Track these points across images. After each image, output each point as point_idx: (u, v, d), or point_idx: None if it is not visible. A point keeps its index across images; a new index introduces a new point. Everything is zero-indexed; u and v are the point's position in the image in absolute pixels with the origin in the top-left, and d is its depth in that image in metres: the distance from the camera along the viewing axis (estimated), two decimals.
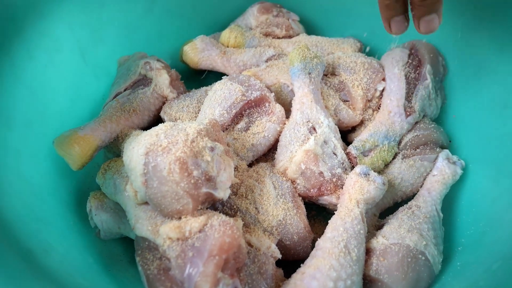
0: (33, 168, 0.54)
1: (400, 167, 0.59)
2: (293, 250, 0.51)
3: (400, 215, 0.53)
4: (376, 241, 0.50)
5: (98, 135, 0.55)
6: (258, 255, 0.48)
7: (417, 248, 0.48)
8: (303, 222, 0.52)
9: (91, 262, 0.51)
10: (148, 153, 0.44)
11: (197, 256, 0.42)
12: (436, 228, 0.53)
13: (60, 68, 0.62)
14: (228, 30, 0.72)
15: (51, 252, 0.47)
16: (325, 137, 0.56)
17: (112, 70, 0.68)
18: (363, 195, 0.51)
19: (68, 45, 0.63)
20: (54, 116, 0.60)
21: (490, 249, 0.49)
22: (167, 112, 0.62)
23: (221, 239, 0.42)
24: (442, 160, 0.59)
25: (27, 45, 0.58)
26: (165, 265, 0.44)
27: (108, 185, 0.53)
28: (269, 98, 0.59)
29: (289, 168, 0.54)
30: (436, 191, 0.57)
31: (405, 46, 0.67)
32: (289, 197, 0.53)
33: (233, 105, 0.57)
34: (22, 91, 0.57)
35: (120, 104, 0.60)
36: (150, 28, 0.72)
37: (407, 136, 0.61)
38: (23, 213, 0.49)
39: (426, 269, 0.48)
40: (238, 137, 0.57)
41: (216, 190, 0.46)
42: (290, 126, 0.57)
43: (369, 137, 0.59)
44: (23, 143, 0.54)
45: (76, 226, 0.55)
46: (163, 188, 0.44)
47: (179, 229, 0.43)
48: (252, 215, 0.51)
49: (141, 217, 0.47)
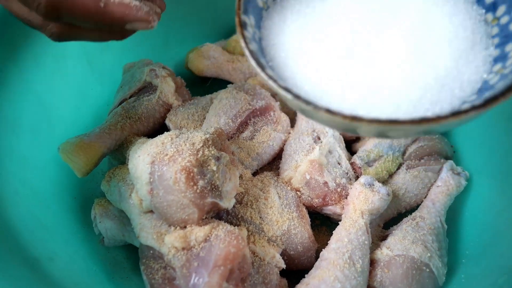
0: (38, 175, 0.54)
1: (404, 177, 0.59)
2: (297, 260, 0.51)
3: (404, 226, 0.53)
4: (381, 252, 0.50)
5: (103, 142, 0.56)
6: (262, 265, 0.48)
7: (421, 260, 0.48)
8: (308, 232, 0.52)
9: (95, 270, 0.51)
10: (154, 162, 0.44)
11: (202, 266, 0.42)
12: (440, 240, 0.52)
13: (66, 75, 0.62)
14: (234, 38, 0.72)
15: (55, 260, 0.47)
16: (330, 147, 0.56)
17: (118, 77, 0.68)
18: (368, 205, 0.51)
19: (75, 52, 0.63)
20: (60, 123, 0.60)
21: (496, 262, 0.49)
22: (172, 119, 0.62)
23: (226, 249, 0.42)
24: (446, 171, 0.59)
25: (34, 52, 0.58)
26: (169, 274, 0.44)
27: (113, 192, 0.53)
28: (274, 107, 0.59)
29: (294, 177, 0.54)
30: (441, 202, 0.57)
31: None
32: (294, 207, 0.53)
33: (238, 113, 0.57)
34: (28, 98, 0.57)
35: (125, 111, 0.61)
36: (155, 35, 0.73)
37: (412, 146, 0.61)
38: (29, 221, 0.49)
39: (431, 281, 0.48)
40: (243, 146, 0.57)
41: (222, 199, 0.46)
42: (295, 135, 0.57)
43: (373, 147, 0.60)
44: (29, 150, 0.54)
45: (80, 233, 0.55)
46: (168, 197, 0.44)
47: (184, 238, 0.43)
48: (257, 225, 0.51)
49: (146, 225, 0.48)
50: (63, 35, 0.40)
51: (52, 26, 0.39)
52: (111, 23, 0.38)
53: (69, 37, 0.40)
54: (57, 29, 0.39)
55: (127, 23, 0.39)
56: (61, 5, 0.36)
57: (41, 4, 0.36)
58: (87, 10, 0.37)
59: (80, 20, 0.38)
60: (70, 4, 0.36)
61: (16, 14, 0.39)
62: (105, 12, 0.37)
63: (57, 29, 0.39)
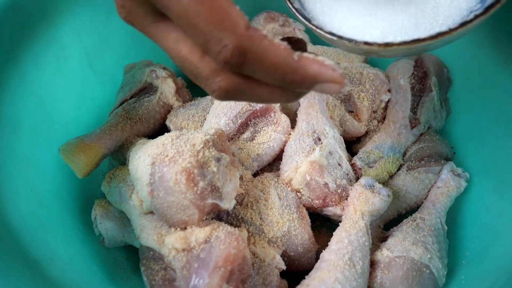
0: (39, 176, 0.54)
1: (404, 179, 0.59)
2: (298, 261, 0.51)
3: (404, 227, 0.53)
4: (381, 254, 0.50)
5: (104, 143, 0.56)
6: (262, 266, 0.48)
7: (421, 261, 0.48)
8: (308, 233, 0.52)
9: (96, 271, 0.51)
10: (155, 163, 0.44)
11: (203, 267, 0.42)
12: (440, 241, 0.53)
13: (67, 76, 0.62)
14: None
15: (56, 261, 0.47)
16: (330, 148, 0.56)
17: (118, 78, 0.68)
18: (368, 207, 0.51)
19: (76, 52, 0.63)
20: (61, 124, 0.60)
21: (496, 263, 0.49)
22: (173, 120, 0.62)
23: (226, 250, 0.42)
24: (446, 172, 0.59)
25: (35, 53, 0.58)
26: (170, 275, 0.44)
27: (113, 193, 0.53)
28: (275, 108, 0.59)
29: (294, 178, 0.54)
30: (441, 203, 0.57)
31: (410, 58, 0.67)
32: (294, 208, 0.53)
33: (238, 114, 0.57)
34: (29, 99, 0.57)
35: (126, 112, 0.61)
36: None
37: (412, 148, 0.61)
38: (30, 221, 0.49)
39: (431, 282, 0.48)
40: (243, 147, 0.57)
41: (222, 200, 0.46)
42: (296, 136, 0.57)
43: (374, 148, 0.60)
44: (30, 151, 0.55)
45: (81, 233, 0.55)
46: (169, 198, 0.44)
47: (184, 239, 0.43)
48: (257, 226, 0.51)
49: (146, 226, 0.48)
50: (233, 91, 0.33)
51: (222, 78, 0.32)
52: (301, 81, 0.32)
53: (238, 94, 0.33)
54: (228, 83, 0.32)
55: (318, 83, 0.32)
56: (251, 52, 0.30)
57: (227, 47, 0.29)
58: (279, 61, 0.30)
59: (265, 73, 0.31)
60: (262, 52, 0.30)
61: (182, 58, 0.33)
62: (299, 67, 0.31)
63: (228, 82, 0.32)
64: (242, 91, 0.33)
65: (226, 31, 0.29)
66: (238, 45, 0.29)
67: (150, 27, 0.34)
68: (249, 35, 0.30)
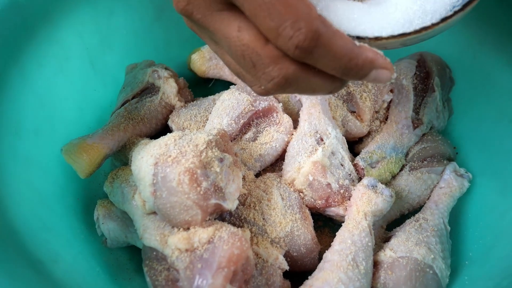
0: (41, 176, 0.54)
1: (407, 179, 0.59)
2: (300, 262, 0.51)
3: (407, 227, 0.53)
4: (384, 254, 0.50)
5: (106, 143, 0.56)
6: (265, 266, 0.47)
7: (425, 262, 0.48)
8: (311, 233, 0.52)
9: (98, 271, 0.51)
10: (157, 164, 0.44)
11: (206, 267, 0.42)
12: (443, 242, 0.52)
13: (69, 76, 0.62)
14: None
15: (59, 261, 0.47)
16: (332, 148, 0.56)
17: (120, 78, 0.68)
18: (371, 207, 0.51)
19: (78, 52, 0.63)
20: (63, 124, 0.60)
21: (499, 264, 0.49)
22: (175, 120, 0.62)
23: (230, 250, 0.42)
24: (449, 172, 0.59)
25: (36, 53, 0.58)
26: (173, 276, 0.44)
27: (115, 193, 0.53)
28: (277, 108, 0.59)
29: (297, 179, 0.54)
30: (444, 204, 0.57)
31: (412, 58, 0.67)
32: (297, 208, 0.53)
33: (241, 115, 0.57)
34: (31, 99, 0.57)
35: (128, 112, 0.61)
36: (158, 36, 0.73)
37: (415, 148, 0.61)
38: (32, 222, 0.49)
39: (434, 283, 0.48)
40: (246, 147, 0.57)
41: (225, 201, 0.46)
42: (298, 136, 0.57)
43: (376, 148, 0.60)
44: (32, 151, 0.54)
45: (83, 234, 0.55)
46: (172, 198, 0.44)
47: (187, 240, 0.43)
48: (260, 226, 0.51)
49: (149, 227, 0.47)
50: (292, 79, 0.33)
51: (283, 66, 0.33)
52: (362, 66, 0.33)
53: (294, 82, 0.34)
54: (288, 71, 0.33)
55: (374, 69, 0.34)
56: (323, 36, 0.31)
57: (301, 30, 0.30)
58: (346, 45, 0.32)
59: (331, 58, 0.32)
60: (332, 36, 0.31)
61: (244, 46, 0.33)
62: (359, 53, 0.33)
63: (289, 70, 0.33)
64: (298, 80, 0.34)
65: (301, 14, 0.30)
66: (313, 29, 0.30)
67: (213, 15, 0.34)
68: (322, 20, 0.31)
